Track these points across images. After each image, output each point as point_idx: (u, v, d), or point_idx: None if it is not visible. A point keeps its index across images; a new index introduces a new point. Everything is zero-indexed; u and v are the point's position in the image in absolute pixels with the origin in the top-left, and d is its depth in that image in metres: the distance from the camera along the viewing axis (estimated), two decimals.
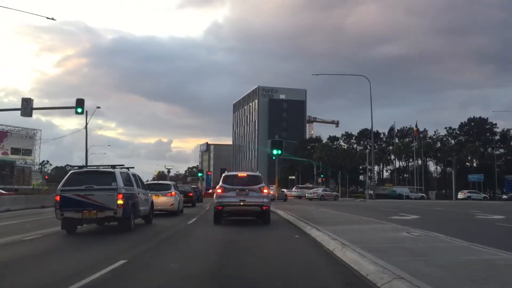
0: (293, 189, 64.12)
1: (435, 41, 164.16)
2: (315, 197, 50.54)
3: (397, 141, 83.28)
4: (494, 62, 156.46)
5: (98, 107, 58.14)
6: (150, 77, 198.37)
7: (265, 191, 14.60)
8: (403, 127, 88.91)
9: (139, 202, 13.17)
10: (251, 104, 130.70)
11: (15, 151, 73.91)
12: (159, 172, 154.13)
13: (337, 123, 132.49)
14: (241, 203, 14.33)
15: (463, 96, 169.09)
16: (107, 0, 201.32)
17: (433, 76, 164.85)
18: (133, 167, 14.02)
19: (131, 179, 13.11)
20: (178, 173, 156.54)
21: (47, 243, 10.66)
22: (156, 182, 24.78)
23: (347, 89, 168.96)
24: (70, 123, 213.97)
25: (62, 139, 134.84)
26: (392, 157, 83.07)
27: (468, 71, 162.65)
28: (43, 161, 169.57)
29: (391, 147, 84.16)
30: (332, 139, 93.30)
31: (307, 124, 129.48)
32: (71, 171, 12.61)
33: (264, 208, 14.42)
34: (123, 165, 13.46)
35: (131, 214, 12.17)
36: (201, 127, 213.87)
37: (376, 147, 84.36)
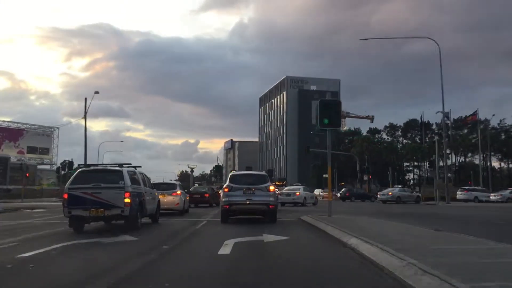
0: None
1: (464, 38, 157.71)
2: (390, 199, 40.20)
3: (451, 132, 70.09)
4: None
5: (97, 92, 50.13)
6: (176, 79, 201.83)
7: (272, 190, 14.39)
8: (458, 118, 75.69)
9: (146, 201, 13.12)
10: (279, 96, 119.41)
11: (31, 150, 70.46)
12: (182, 171, 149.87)
13: (371, 118, 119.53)
14: (248, 202, 14.20)
15: (496, 93, 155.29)
16: (133, 3, 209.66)
17: (464, 73, 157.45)
18: (140, 166, 14.05)
19: (138, 178, 13.05)
20: (203, 173, 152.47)
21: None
22: (161, 182, 24.13)
23: (377, 87, 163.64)
24: (99, 125, 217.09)
25: (92, 140, 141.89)
26: (447, 151, 70.16)
27: (502, 67, 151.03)
28: (65, 160, 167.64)
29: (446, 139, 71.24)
30: (373, 131, 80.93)
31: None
32: (79, 170, 12.72)
33: (270, 206, 14.26)
34: (131, 164, 13.56)
35: (137, 213, 12.19)
36: (228, 128, 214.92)
37: (427, 139, 71.98)
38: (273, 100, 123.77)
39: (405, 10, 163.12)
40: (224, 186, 14.84)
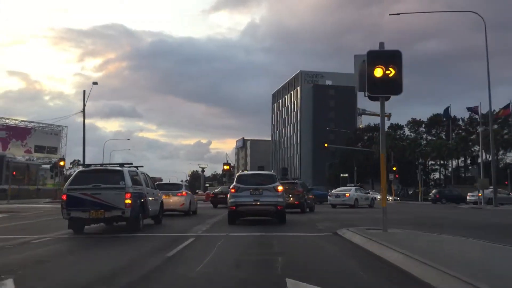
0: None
1: (479, 37, 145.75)
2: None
3: (480, 129, 64.32)
4: None
5: (95, 83, 47.49)
6: (189, 79, 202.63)
7: (280, 190, 13.96)
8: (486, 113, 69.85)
9: (148, 202, 12.80)
10: (292, 92, 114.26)
11: (39, 149, 68.04)
12: (193, 171, 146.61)
13: (389, 116, 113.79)
14: (255, 203, 13.81)
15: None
16: (145, 3, 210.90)
17: (478, 72, 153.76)
18: (142, 166, 13.83)
19: (140, 178, 12.76)
20: (215, 173, 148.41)
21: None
22: (167, 182, 25.97)
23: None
24: (112, 125, 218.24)
25: (104, 140, 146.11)
26: (476, 148, 64.38)
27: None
28: (74, 160, 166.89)
29: (473, 136, 65.37)
30: (395, 127, 75.27)
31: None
32: (78, 170, 12.55)
33: (278, 207, 13.85)
34: (131, 163, 13.31)
35: (139, 214, 11.93)
36: (240, 128, 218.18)
37: (453, 135, 66.39)
38: (286, 96, 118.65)
39: (418, 9, 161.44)
40: (231, 186, 14.50)
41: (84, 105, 48.87)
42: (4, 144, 63.88)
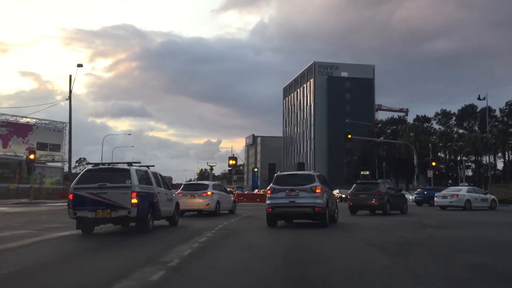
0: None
1: (489, 35, 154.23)
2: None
3: None
4: None
5: (80, 65, 43.25)
6: (199, 79, 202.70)
7: (318, 190, 13.29)
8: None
9: (159, 202, 12.44)
10: (305, 85, 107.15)
11: (41, 146, 66.09)
12: (201, 170, 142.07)
13: (406, 111, 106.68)
14: (291, 205, 13.37)
15: None
16: (154, 3, 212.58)
17: (489, 71, 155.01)
18: (153, 165, 13.54)
19: (149, 178, 12.40)
20: (225, 171, 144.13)
21: None
22: (194, 182, 24.52)
23: (402, 86, 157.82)
24: (123, 125, 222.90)
25: (115, 139, 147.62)
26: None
27: None
28: (80, 158, 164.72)
29: None
30: (421, 119, 67.81)
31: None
32: (86, 169, 12.53)
33: (316, 209, 13.14)
34: (139, 162, 13.14)
35: (148, 214, 11.60)
36: (250, 127, 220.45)
37: (489, 128, 58.89)
38: (298, 90, 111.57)
39: (428, 7, 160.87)
40: (268, 188, 14.37)
41: (70, 91, 44.44)
42: (4, 141, 61.64)
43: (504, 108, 62.69)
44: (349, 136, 39.88)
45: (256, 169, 73.80)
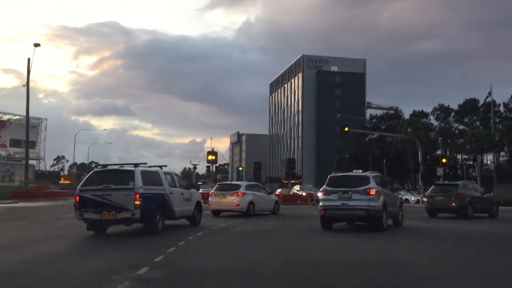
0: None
1: (473, 37, 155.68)
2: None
3: None
4: None
5: (37, 45, 37.36)
6: (184, 77, 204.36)
7: (373, 192, 12.73)
8: None
9: (172, 202, 12.50)
10: (293, 80, 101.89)
11: (15, 143, 63.99)
12: (184, 168, 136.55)
13: (396, 110, 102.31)
14: (344, 207, 12.98)
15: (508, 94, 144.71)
16: (139, 1, 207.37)
17: (472, 73, 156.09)
18: (165, 165, 13.73)
19: (159, 178, 12.31)
20: (209, 170, 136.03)
21: None
22: (227, 182, 24.65)
23: (387, 85, 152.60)
24: (107, 123, 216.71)
25: (100, 137, 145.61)
26: None
27: (509, 67, 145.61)
28: (59, 156, 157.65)
29: None
30: (418, 115, 62.87)
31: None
32: (93, 170, 12.60)
33: (370, 212, 12.63)
34: (146, 163, 12.93)
35: (156, 216, 11.55)
36: (235, 127, 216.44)
37: (493, 123, 54.31)
38: (286, 85, 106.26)
39: (414, 7, 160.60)
40: (321, 189, 14.36)
41: (28, 75, 38.33)
42: None
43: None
44: (346, 129, 34.55)
45: (241, 168, 68.28)
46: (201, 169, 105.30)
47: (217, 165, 19.06)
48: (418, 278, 6.43)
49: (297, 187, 45.37)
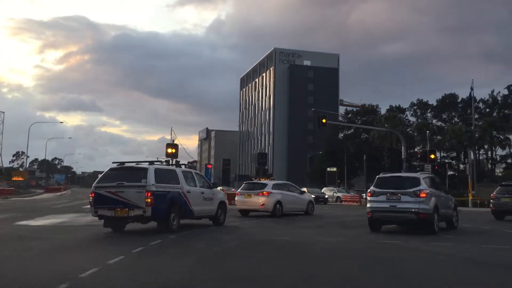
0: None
1: (441, 40, 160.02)
2: None
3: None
4: (502, 61, 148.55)
5: None
6: (153, 74, 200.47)
7: (423, 195, 12.08)
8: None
9: (190, 201, 12.30)
10: (264, 74, 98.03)
11: None
12: None
13: (361, 107, 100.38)
14: (392, 209, 12.35)
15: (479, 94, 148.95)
16: None
17: (441, 75, 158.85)
18: (185, 164, 14.49)
19: (176, 177, 12.19)
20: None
21: None
22: (254, 181, 24.12)
23: (357, 87, 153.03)
24: (74, 119, 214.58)
25: (65, 133, 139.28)
26: (509, 135, 49.76)
27: (476, 70, 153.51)
28: (18, 152, 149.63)
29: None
30: (395, 110, 59.97)
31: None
32: (110, 167, 12.25)
33: (420, 215, 11.93)
34: (162, 161, 13.59)
35: (170, 214, 11.40)
36: (206, 125, 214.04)
37: (477, 116, 52.03)
38: (257, 80, 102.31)
39: (385, 9, 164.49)
40: (368, 190, 13.74)
41: None
42: None
43: (504, 89, 55.81)
44: (324, 120, 30.70)
45: (209, 165, 63.93)
46: None
47: (186, 163, 20.25)
48: None
49: None
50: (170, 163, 15.46)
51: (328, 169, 55.03)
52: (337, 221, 17.18)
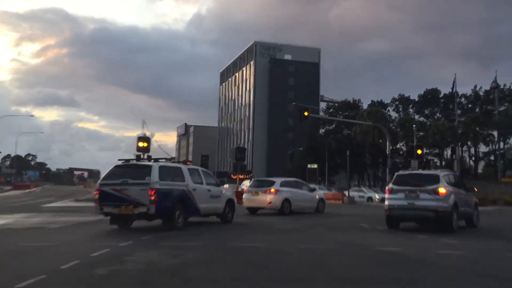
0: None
1: (418, 38, 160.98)
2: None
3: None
4: (476, 59, 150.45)
5: None
6: (133, 69, 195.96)
7: (443, 192, 11.92)
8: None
9: (195, 199, 12.27)
10: (244, 68, 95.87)
11: None
12: (124, 161, 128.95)
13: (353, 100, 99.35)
14: (410, 207, 12.23)
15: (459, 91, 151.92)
16: None
17: (418, 73, 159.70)
18: (190, 161, 14.09)
19: (181, 174, 12.15)
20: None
21: None
22: (262, 178, 23.79)
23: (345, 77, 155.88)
24: (50, 114, 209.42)
25: (41, 130, 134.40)
26: (492, 131, 48.80)
27: (452, 68, 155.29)
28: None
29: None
30: (377, 105, 58.64)
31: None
32: (115, 165, 12.18)
33: (440, 213, 11.80)
34: (166, 158, 13.72)
35: (175, 212, 11.39)
36: (185, 121, 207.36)
37: (459, 112, 51.09)
38: (237, 74, 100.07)
39: (363, 6, 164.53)
40: (386, 187, 13.57)
41: None
42: None
43: (496, 93, 54.76)
44: (306, 113, 29.01)
45: (188, 162, 61.58)
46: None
47: (162, 158, 13.94)
48: None
49: (246, 183, 39.02)
50: (142, 157, 14.60)
51: (309, 165, 53.33)
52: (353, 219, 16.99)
